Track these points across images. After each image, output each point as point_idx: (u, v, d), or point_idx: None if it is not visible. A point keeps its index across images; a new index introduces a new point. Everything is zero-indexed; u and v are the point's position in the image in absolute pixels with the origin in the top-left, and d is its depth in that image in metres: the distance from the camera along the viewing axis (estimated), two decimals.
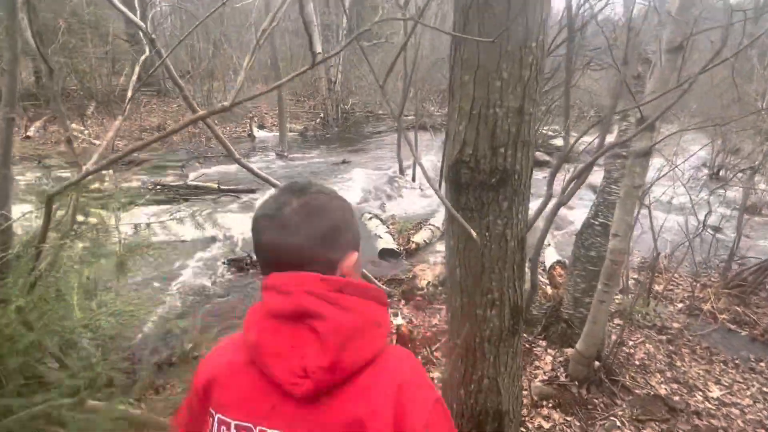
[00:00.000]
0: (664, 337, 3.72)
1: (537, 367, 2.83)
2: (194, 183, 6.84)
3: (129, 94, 1.76)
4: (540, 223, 1.60)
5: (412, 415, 0.62)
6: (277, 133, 10.63)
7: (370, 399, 0.62)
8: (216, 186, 6.70)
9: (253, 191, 6.66)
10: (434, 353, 2.94)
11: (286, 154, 9.24)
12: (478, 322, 1.18)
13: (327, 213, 0.68)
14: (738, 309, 4.12)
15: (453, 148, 1.09)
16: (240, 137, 11.08)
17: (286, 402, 0.62)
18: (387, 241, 5.00)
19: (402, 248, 4.98)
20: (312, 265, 0.65)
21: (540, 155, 10.12)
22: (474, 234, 1.08)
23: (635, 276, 4.76)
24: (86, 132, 9.41)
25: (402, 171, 7.70)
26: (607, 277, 2.43)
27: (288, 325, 0.63)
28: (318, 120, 12.60)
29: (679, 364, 3.31)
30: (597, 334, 2.56)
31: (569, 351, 2.94)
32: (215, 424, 0.67)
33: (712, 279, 4.73)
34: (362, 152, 9.85)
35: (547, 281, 4.62)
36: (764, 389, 3.14)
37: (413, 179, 7.55)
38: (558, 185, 1.81)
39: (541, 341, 3.07)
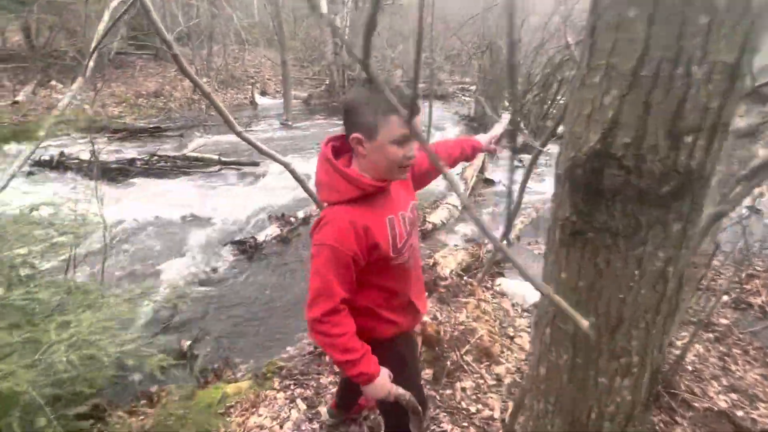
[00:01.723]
0: (711, 335, 3.38)
1: None
2: (193, 154, 6.39)
3: (92, 50, 1.32)
4: None
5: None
6: (280, 100, 10.06)
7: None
8: (217, 158, 6.26)
9: (256, 164, 6.22)
10: (465, 357, 2.60)
11: (290, 122, 8.73)
12: (599, 393, 0.80)
13: (344, 102, 1.18)
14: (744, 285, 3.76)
15: (585, 133, 0.67)
16: (241, 105, 10.52)
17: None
18: None
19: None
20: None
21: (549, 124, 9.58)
22: (601, 266, 0.69)
23: None
24: (79, 98, 8.88)
25: None
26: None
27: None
28: (323, 87, 11.96)
29: (733, 368, 2.98)
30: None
31: None
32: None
33: (757, 267, 4.35)
34: None
35: None
36: None
37: None
38: None
39: None
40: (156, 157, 6.10)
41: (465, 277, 3.50)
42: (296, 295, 3.40)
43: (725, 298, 3.88)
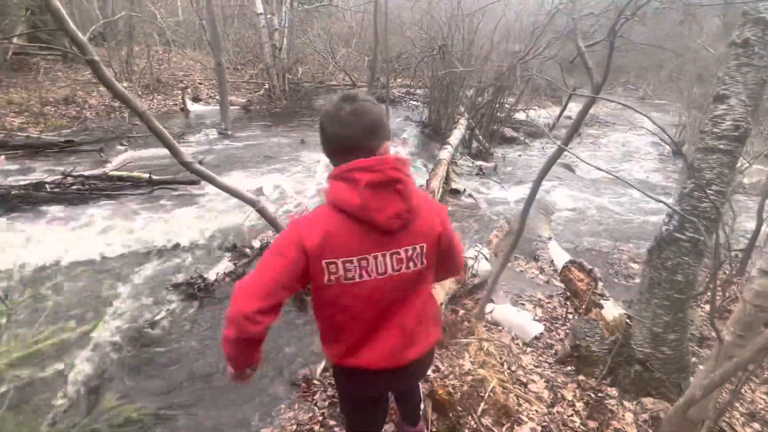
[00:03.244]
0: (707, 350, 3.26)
1: (616, 430, 2.16)
2: (117, 173, 5.46)
3: None
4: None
5: (445, 219, 1.21)
6: (216, 107, 9.16)
7: (428, 219, 1.17)
8: (147, 176, 5.38)
9: (196, 182, 5.43)
10: (482, 420, 2.18)
11: (229, 131, 7.90)
12: None
13: (372, 113, 1.07)
14: None
15: None
16: (171, 112, 9.46)
17: (380, 237, 1.09)
18: None
19: None
20: (357, 151, 1.06)
21: (507, 131, 9.60)
22: None
23: None
24: None
25: None
26: (743, 327, 1.76)
27: (381, 190, 1.05)
28: (263, 91, 11.15)
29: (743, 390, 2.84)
30: (715, 395, 1.91)
31: (649, 401, 2.31)
32: (324, 268, 1.08)
33: (735, 276, 4.38)
34: (317, 129, 8.70)
35: (560, 285, 4.03)
36: None
37: None
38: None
39: (608, 388, 2.41)
40: (70, 179, 5.12)
41: (460, 312, 3.11)
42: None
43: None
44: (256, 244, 3.94)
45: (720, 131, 2.18)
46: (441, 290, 3.34)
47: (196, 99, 10.36)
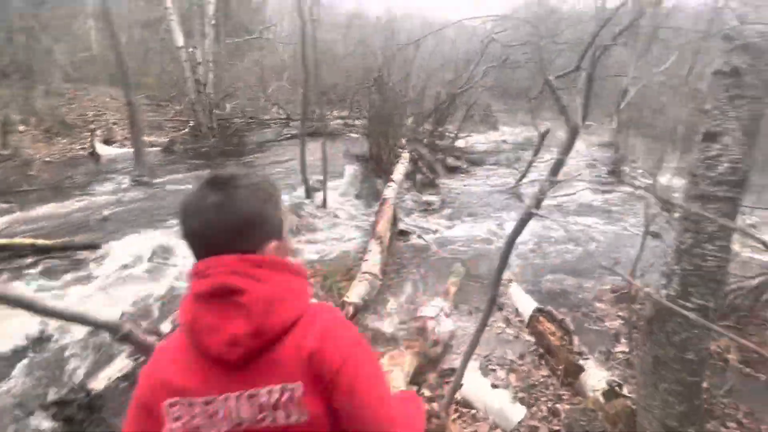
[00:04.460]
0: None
1: None
2: None
3: None
4: None
5: (330, 352, 0.73)
6: (132, 149, 8.15)
7: (298, 346, 0.73)
8: (30, 243, 4.38)
9: (96, 246, 4.52)
10: None
11: (146, 177, 6.96)
12: None
13: (241, 210, 0.77)
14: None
15: None
16: (77, 157, 8.30)
17: (222, 371, 0.73)
18: None
19: None
20: (228, 254, 0.75)
21: (450, 160, 9.40)
22: None
23: (620, 313, 3.99)
24: None
25: (309, 194, 6.14)
26: None
27: (215, 303, 0.73)
28: (187, 129, 10.24)
29: None
30: None
31: None
32: (166, 413, 0.74)
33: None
34: (250, 169, 7.95)
35: (530, 339, 3.58)
36: None
37: (324, 204, 6.05)
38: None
39: None
40: None
41: (425, 406, 2.52)
42: None
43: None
44: (165, 327, 3.15)
45: (717, 175, 1.82)
46: (400, 371, 2.75)
47: (108, 141, 9.26)
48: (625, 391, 2.56)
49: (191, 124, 10.29)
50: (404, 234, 5.35)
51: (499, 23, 7.13)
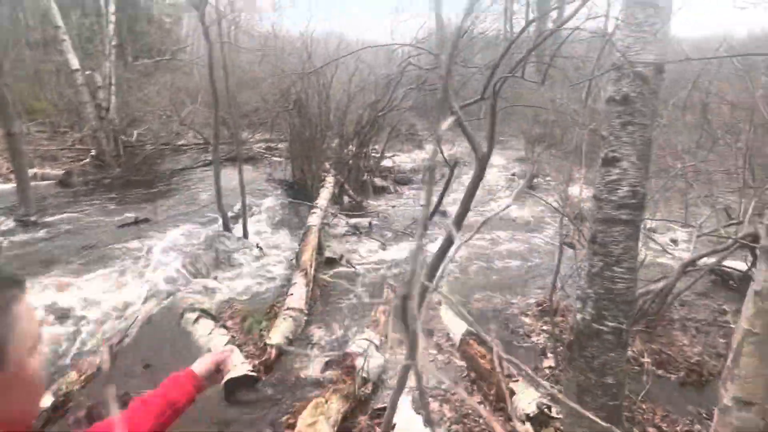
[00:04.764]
0: None
1: None
2: None
3: None
4: None
5: None
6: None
7: None
8: None
9: None
10: None
11: (32, 217, 6.10)
12: None
13: None
14: (653, 347, 3.79)
15: None
16: None
17: None
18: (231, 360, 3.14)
19: (257, 366, 3.19)
20: None
21: (377, 181, 9.40)
22: None
23: (545, 327, 4.09)
24: None
25: (228, 225, 5.72)
26: None
27: None
28: (88, 159, 9.27)
29: None
30: None
31: None
32: None
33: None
34: (163, 201, 7.32)
35: (462, 363, 3.52)
36: None
37: (245, 234, 5.67)
38: None
39: None
40: None
41: None
42: None
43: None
44: (46, 401, 2.65)
45: (618, 199, 1.86)
46: (324, 419, 2.52)
47: None
48: (554, 412, 2.56)
49: (93, 153, 9.33)
50: (332, 262, 5.15)
51: (417, 45, 7.32)
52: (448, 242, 1.81)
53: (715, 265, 3.98)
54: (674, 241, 6.54)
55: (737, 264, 4.32)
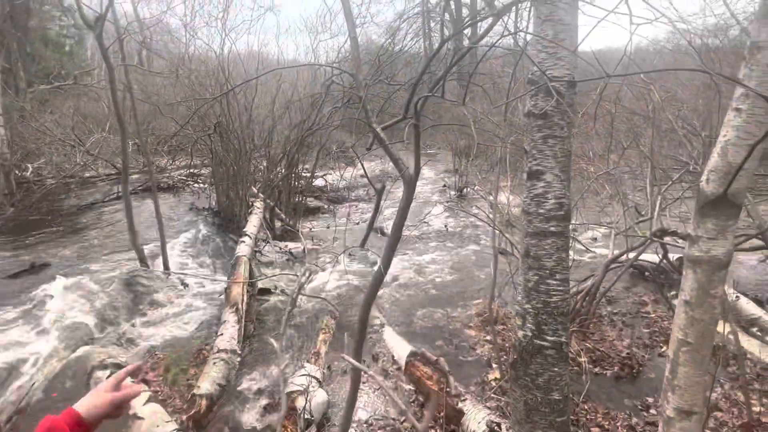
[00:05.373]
0: None
1: None
2: None
3: None
4: None
5: None
6: None
7: None
8: None
9: None
10: None
11: None
12: None
13: None
14: (588, 345, 3.94)
15: None
16: None
17: None
18: (153, 423, 2.77)
19: (185, 422, 2.84)
20: None
21: (310, 201, 9.16)
22: None
23: (488, 337, 4.10)
24: None
25: (145, 262, 5.20)
26: None
27: None
28: None
29: None
30: None
31: None
32: None
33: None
34: (67, 241, 6.53)
35: (408, 387, 3.41)
36: None
37: (166, 268, 5.19)
38: None
39: None
40: None
41: None
42: None
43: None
44: None
45: (546, 212, 1.86)
46: None
47: None
48: (504, 429, 2.52)
49: None
50: (266, 292, 4.84)
51: (336, 66, 7.27)
52: (379, 279, 1.69)
53: (634, 260, 4.25)
54: (594, 239, 7.02)
55: (650, 257, 4.67)
